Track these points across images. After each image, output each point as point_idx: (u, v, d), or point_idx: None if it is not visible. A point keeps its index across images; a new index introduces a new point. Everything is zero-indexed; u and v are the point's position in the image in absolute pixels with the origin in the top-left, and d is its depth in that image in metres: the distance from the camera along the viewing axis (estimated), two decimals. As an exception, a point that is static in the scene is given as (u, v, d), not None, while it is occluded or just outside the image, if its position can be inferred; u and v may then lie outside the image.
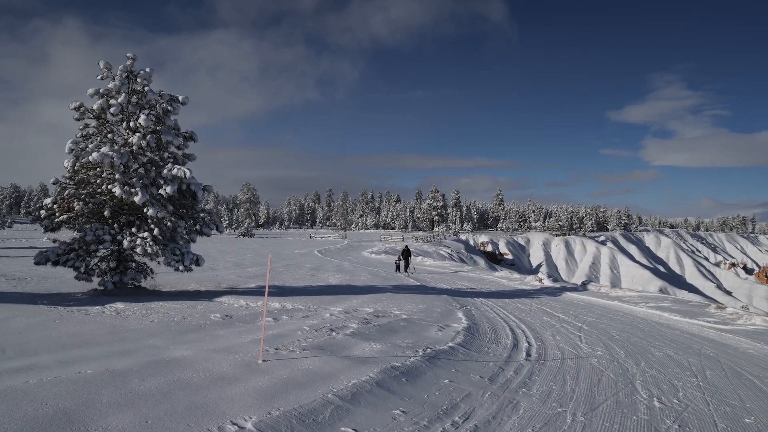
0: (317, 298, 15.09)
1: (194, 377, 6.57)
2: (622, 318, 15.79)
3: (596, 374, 8.57)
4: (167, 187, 14.16)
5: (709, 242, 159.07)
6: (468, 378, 7.68)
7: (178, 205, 15.30)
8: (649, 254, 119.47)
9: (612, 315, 16.31)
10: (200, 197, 15.26)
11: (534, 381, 7.90)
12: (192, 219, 15.62)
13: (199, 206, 15.84)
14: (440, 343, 9.76)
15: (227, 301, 13.75)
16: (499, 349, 10.08)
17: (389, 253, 45.05)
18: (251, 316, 11.47)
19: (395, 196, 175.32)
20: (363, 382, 6.75)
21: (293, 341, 8.92)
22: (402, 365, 7.77)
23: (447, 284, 23.57)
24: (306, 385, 6.47)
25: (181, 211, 15.39)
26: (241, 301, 13.73)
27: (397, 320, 12.00)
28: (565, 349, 10.56)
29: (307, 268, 27.03)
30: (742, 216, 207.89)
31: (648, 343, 11.68)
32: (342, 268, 28.22)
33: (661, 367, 9.36)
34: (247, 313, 11.97)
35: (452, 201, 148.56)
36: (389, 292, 17.83)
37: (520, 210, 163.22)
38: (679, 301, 20.71)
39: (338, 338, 9.45)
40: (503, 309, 15.89)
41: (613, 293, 22.85)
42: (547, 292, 22.62)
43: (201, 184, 15.04)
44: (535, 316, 14.81)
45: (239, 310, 12.38)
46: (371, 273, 26.39)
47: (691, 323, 15.14)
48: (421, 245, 58.01)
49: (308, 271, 25.25)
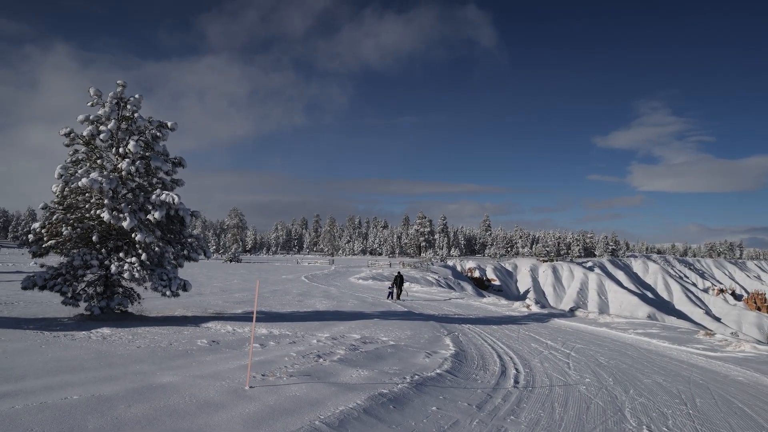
0: (304, 324, 15.04)
1: (181, 403, 6.53)
2: (611, 345, 15.86)
3: (585, 402, 8.61)
4: (155, 212, 14.16)
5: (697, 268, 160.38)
6: (456, 405, 7.69)
7: (166, 231, 15.28)
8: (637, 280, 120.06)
9: (600, 341, 16.38)
10: (188, 222, 15.27)
11: (522, 408, 7.92)
12: (180, 244, 15.60)
13: (187, 231, 15.82)
14: (428, 369, 9.77)
15: (214, 326, 13.67)
16: (487, 376, 10.10)
17: (376, 278, 44.96)
18: (238, 342, 11.40)
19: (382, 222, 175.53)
20: (350, 409, 6.75)
21: (280, 367, 8.90)
22: (389, 392, 7.77)
23: (434, 310, 23.54)
24: (293, 412, 6.46)
25: (168, 236, 15.37)
26: (228, 326, 13.65)
27: (384, 347, 11.98)
28: (553, 376, 10.59)
29: (295, 294, 26.92)
30: (729, 242, 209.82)
31: (637, 370, 11.74)
32: (329, 294, 28.12)
33: (650, 395, 9.41)
34: (234, 338, 11.90)
35: (439, 227, 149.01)
36: (376, 318, 17.80)
37: (507, 236, 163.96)
38: (667, 328, 20.83)
39: (325, 365, 9.43)
40: (491, 335, 15.91)
41: (601, 320, 22.94)
42: (535, 318, 22.67)
43: (189, 209, 15.05)
44: (523, 343, 14.84)
45: (226, 335, 12.31)
46: (358, 299, 26.32)
47: (680, 350, 15.24)
48: (408, 271, 57.95)
49: (295, 297, 25.14)
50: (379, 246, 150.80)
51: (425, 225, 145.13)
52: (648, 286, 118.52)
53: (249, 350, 9.06)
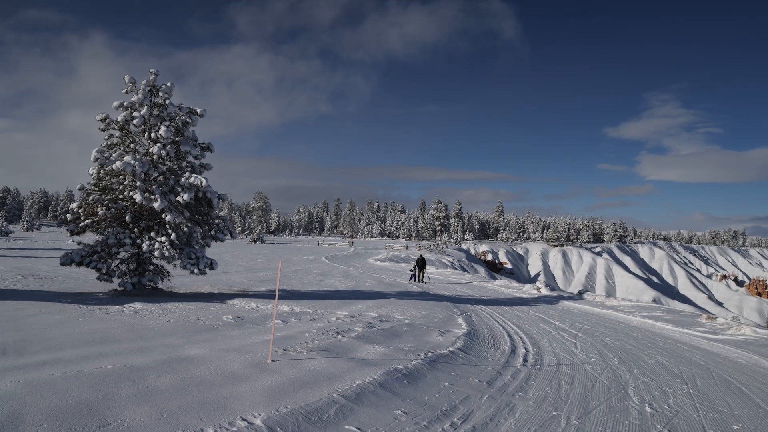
0: (324, 303, 15.13)
1: (207, 375, 6.62)
2: (617, 326, 15.74)
3: (590, 380, 8.57)
4: (185, 194, 14.28)
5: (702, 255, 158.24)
6: (467, 381, 7.70)
7: (194, 212, 15.41)
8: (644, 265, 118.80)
9: (607, 323, 16.27)
10: (215, 204, 15.37)
11: (530, 385, 7.91)
12: (207, 225, 15.73)
13: (214, 213, 15.95)
14: (441, 347, 9.78)
15: (239, 303, 13.81)
16: (498, 354, 10.09)
17: (393, 260, 45.02)
18: (261, 318, 11.52)
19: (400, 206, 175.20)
20: (367, 383, 6.79)
21: (301, 343, 8.97)
22: (404, 368, 7.80)
23: (448, 291, 23.56)
24: (312, 385, 6.52)
25: (197, 217, 15.50)
26: (252, 303, 13.78)
27: (400, 325, 12.02)
28: (560, 355, 10.55)
29: (315, 274, 27.08)
30: (733, 230, 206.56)
31: (641, 351, 11.65)
32: (348, 274, 28.25)
33: (653, 374, 9.34)
34: (258, 315, 12.02)
35: (454, 212, 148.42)
36: (393, 298, 17.85)
37: (519, 221, 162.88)
38: (671, 311, 20.62)
39: (344, 341, 9.48)
40: (502, 316, 15.88)
41: (608, 302, 22.77)
42: (545, 300, 22.57)
43: (216, 192, 15.15)
44: (533, 324, 14.79)
45: (250, 312, 12.44)
46: (376, 279, 26.41)
47: (683, 332, 15.08)
48: (424, 254, 57.91)
49: (316, 277, 25.30)
50: (397, 229, 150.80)
51: (441, 210, 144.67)
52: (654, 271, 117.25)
53: (271, 326, 9.13)
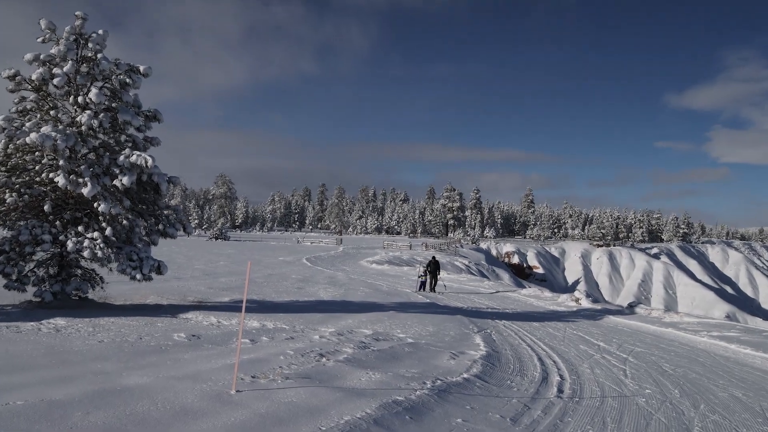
0: (305, 316, 15.11)
1: (151, 410, 6.58)
2: (678, 349, 15.76)
3: (644, 417, 8.56)
4: (124, 177, 14.18)
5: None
6: (486, 417, 7.68)
7: (136, 200, 15.34)
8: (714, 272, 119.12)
9: (665, 345, 16.28)
10: (164, 191, 15.29)
11: (566, 423, 7.90)
12: (153, 217, 15.66)
13: (163, 202, 15.88)
14: (453, 373, 9.77)
15: (195, 317, 13.76)
16: (525, 383, 10.08)
17: (393, 263, 45.02)
18: (224, 337, 11.47)
19: (402, 195, 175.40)
20: (358, 420, 6.75)
21: (274, 368, 8.93)
22: (406, 400, 7.78)
23: (463, 302, 23.56)
24: (288, 422, 6.48)
25: (140, 207, 15.43)
26: (211, 318, 13.74)
27: (401, 345, 12.00)
28: (605, 385, 10.54)
29: (294, 280, 27.06)
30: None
31: (710, 381, 11.66)
32: (335, 281, 28.24)
33: (725, 412, 9.34)
34: (219, 332, 11.98)
35: (472, 201, 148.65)
36: (392, 311, 17.85)
37: (554, 214, 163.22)
38: (750, 331, 20.66)
39: (329, 365, 9.45)
40: (530, 334, 15.87)
41: (667, 318, 22.82)
42: (585, 315, 22.60)
43: (166, 174, 15.08)
44: (570, 344, 14.79)
45: (209, 328, 12.39)
46: (371, 287, 26.41)
47: (765, 358, 15.10)
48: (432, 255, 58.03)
49: (294, 283, 25.28)
50: (398, 224, 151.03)
51: (454, 199, 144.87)
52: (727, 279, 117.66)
53: (237, 347, 9.10)
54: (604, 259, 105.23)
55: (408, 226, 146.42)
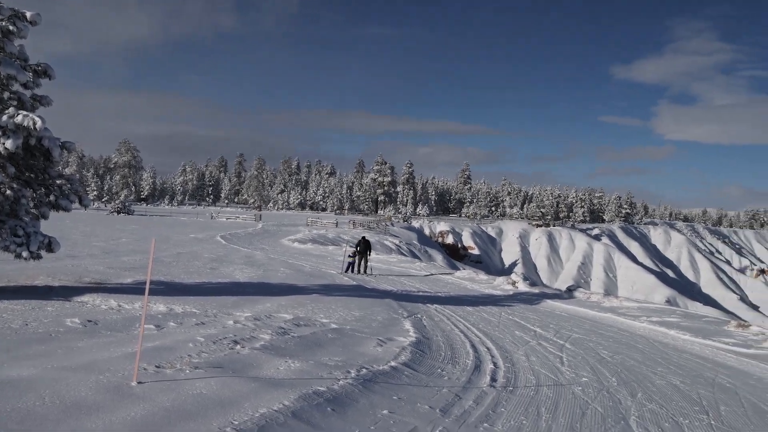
0: (218, 300, 14.95)
1: (37, 405, 6.38)
2: (617, 335, 16.33)
3: (580, 407, 8.84)
4: (7, 140, 13.62)
5: (734, 241, 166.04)
6: (414, 408, 7.77)
7: (23, 167, 14.77)
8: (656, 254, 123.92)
9: (604, 331, 16.84)
10: (57, 157, 14.78)
11: (499, 413, 8.08)
12: (44, 187, 15.13)
13: (56, 170, 15.35)
14: (380, 362, 9.84)
15: (92, 301, 13.42)
16: (457, 371, 10.25)
17: (318, 242, 44.94)
18: (125, 322, 11.25)
19: (329, 168, 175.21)
20: (275, 412, 6.73)
21: (182, 356, 8.81)
22: (328, 390, 7.79)
23: (392, 285, 23.75)
24: (197, 416, 6.40)
25: (27, 175, 14.87)
26: (111, 301, 13.44)
27: (324, 331, 12.02)
28: (541, 373, 10.84)
29: (206, 259, 26.71)
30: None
31: (648, 369, 12.13)
32: (253, 261, 28.03)
33: (663, 400, 9.74)
34: (120, 317, 11.75)
35: (404, 176, 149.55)
36: (315, 294, 17.84)
37: (492, 191, 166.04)
38: (690, 316, 21.56)
39: (244, 353, 9.39)
40: (464, 319, 16.15)
41: (606, 303, 23.57)
42: (523, 299, 23.12)
43: (59, 139, 14.58)
44: (505, 330, 15.12)
45: (108, 313, 12.12)
46: (292, 268, 26.33)
47: (705, 344, 15.79)
48: (361, 233, 58.18)
49: (207, 263, 24.96)
50: (323, 199, 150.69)
51: (385, 173, 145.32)
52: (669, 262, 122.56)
53: (139, 333, 8.91)
54: (543, 240, 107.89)
55: (334, 201, 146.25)
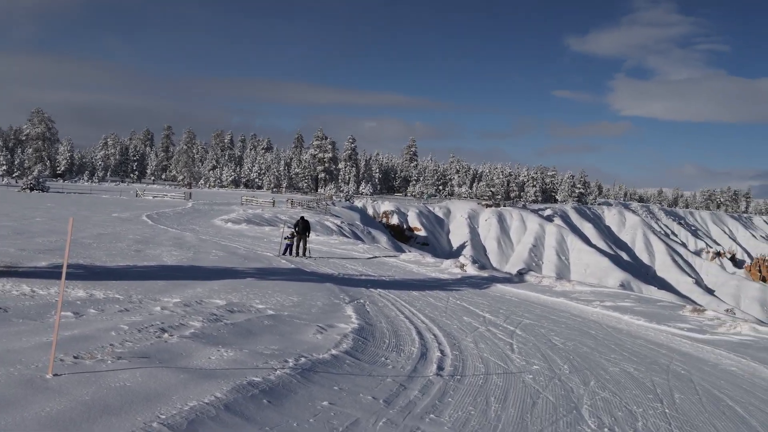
0: (144, 284, 14.73)
1: (-56, 398, 6.20)
2: (569, 321, 16.65)
3: (530, 396, 8.98)
4: None
5: (690, 223, 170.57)
6: (356, 399, 7.79)
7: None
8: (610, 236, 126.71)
9: (556, 316, 17.15)
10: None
11: (447, 404, 8.15)
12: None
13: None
14: (320, 350, 9.84)
15: (1, 286, 13.08)
16: (402, 359, 10.31)
17: (254, 222, 44.65)
18: (39, 310, 11.00)
19: (265, 142, 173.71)
20: (206, 405, 6.66)
21: (104, 346, 8.64)
22: (263, 381, 7.75)
23: (333, 268, 23.76)
24: (119, 410, 6.29)
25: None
26: (23, 286, 13.10)
27: (259, 317, 11.96)
28: (490, 361, 10.98)
29: (131, 241, 26.28)
30: (733, 190, 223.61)
31: (601, 356, 12.40)
32: (183, 242, 27.71)
33: (616, 388, 9.97)
34: (33, 304, 11.49)
35: (346, 152, 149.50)
36: (250, 278, 17.75)
37: (439, 168, 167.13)
38: (644, 301, 22.09)
39: (172, 342, 9.27)
40: (409, 305, 16.25)
41: (558, 287, 24.00)
42: (471, 283, 23.37)
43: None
44: (453, 316, 15.26)
45: (20, 299, 11.83)
46: (226, 250, 26.12)
47: (659, 330, 16.23)
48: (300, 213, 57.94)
49: (132, 245, 24.56)
50: (259, 176, 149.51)
51: (326, 149, 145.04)
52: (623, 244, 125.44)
53: (55, 321, 8.72)
54: (493, 221, 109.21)
55: (271, 179, 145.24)
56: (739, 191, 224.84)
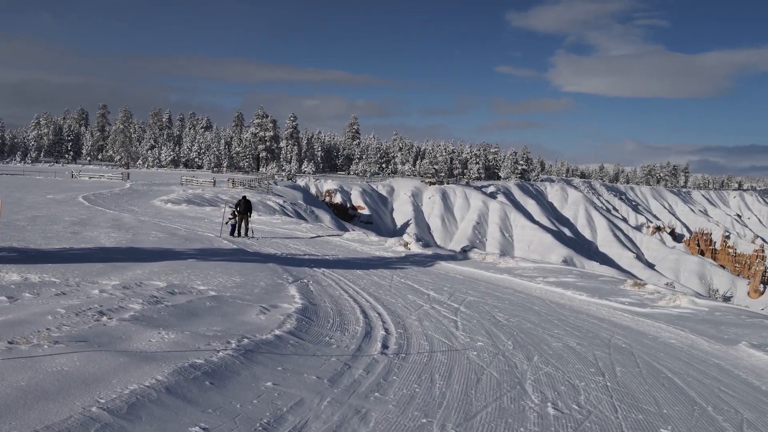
0: (81, 267, 14.49)
1: None
2: (513, 297, 16.90)
3: (475, 372, 9.11)
4: None
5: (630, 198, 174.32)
6: (300, 379, 7.81)
7: None
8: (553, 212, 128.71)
9: (500, 293, 17.39)
10: None
11: (391, 382, 8.22)
12: None
13: None
14: (263, 330, 9.82)
15: (-69, 270, 12.77)
16: (346, 338, 10.36)
17: (194, 202, 44.21)
18: (-29, 294, 10.74)
19: (204, 121, 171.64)
20: (146, 388, 6.61)
21: (39, 331, 8.48)
22: (206, 363, 7.72)
23: (276, 248, 23.71)
24: (57, 395, 6.19)
25: None
26: (-46, 270, 12.81)
27: (201, 299, 11.88)
28: (434, 338, 11.10)
29: (67, 223, 25.80)
30: (672, 165, 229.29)
31: (544, 331, 12.63)
32: (121, 224, 27.32)
33: (559, 363, 10.18)
34: (-35, 288, 11.20)
35: (287, 130, 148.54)
36: (192, 259, 17.61)
37: (383, 147, 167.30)
38: (587, 276, 22.58)
39: (111, 325, 9.13)
40: (353, 284, 16.30)
41: (502, 264, 24.30)
42: (415, 261, 23.54)
43: None
44: (397, 294, 15.37)
45: (-49, 284, 11.54)
46: (165, 231, 25.83)
47: (601, 305, 16.58)
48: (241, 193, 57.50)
49: (68, 227, 24.11)
50: (199, 156, 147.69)
51: (267, 127, 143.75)
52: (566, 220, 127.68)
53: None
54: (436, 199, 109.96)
55: (211, 158, 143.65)
56: (678, 166, 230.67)
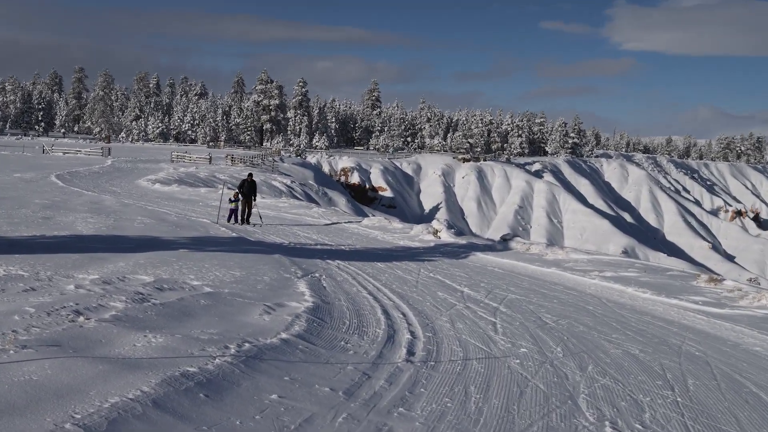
0: (54, 258, 14.59)
1: None
2: (562, 295, 16.78)
3: (517, 384, 9.04)
4: None
5: (704, 177, 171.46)
6: (310, 391, 7.79)
7: None
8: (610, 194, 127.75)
9: (547, 290, 17.28)
10: None
11: (418, 395, 8.17)
12: None
13: None
14: (267, 333, 9.81)
15: None
16: (365, 343, 10.33)
17: (186, 182, 44.38)
18: (-73, 289, 10.83)
19: (199, 87, 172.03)
20: (130, 401, 6.61)
21: (5, 333, 8.52)
22: (200, 371, 7.72)
23: (283, 237, 23.76)
24: (25, 409, 6.22)
25: None
26: None
27: (195, 296, 11.91)
28: (469, 343, 11.03)
29: (38, 206, 25.97)
30: (756, 136, 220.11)
31: (600, 336, 12.52)
32: (101, 207, 27.51)
33: (618, 374, 10.06)
34: None
35: (296, 98, 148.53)
36: (184, 249, 17.66)
37: (407, 117, 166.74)
38: (651, 270, 22.30)
39: (89, 327, 9.16)
40: (373, 278, 16.29)
41: (549, 255, 24.12)
42: (447, 252, 23.47)
43: None
44: (425, 291, 15.32)
45: None
46: (153, 216, 25.94)
47: (669, 304, 16.37)
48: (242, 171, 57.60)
49: (39, 211, 24.28)
50: (192, 128, 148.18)
51: (272, 95, 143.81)
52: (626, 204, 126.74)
53: (-55, 303, 8.62)
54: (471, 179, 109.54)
55: (207, 131, 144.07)
56: (762, 138, 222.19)
